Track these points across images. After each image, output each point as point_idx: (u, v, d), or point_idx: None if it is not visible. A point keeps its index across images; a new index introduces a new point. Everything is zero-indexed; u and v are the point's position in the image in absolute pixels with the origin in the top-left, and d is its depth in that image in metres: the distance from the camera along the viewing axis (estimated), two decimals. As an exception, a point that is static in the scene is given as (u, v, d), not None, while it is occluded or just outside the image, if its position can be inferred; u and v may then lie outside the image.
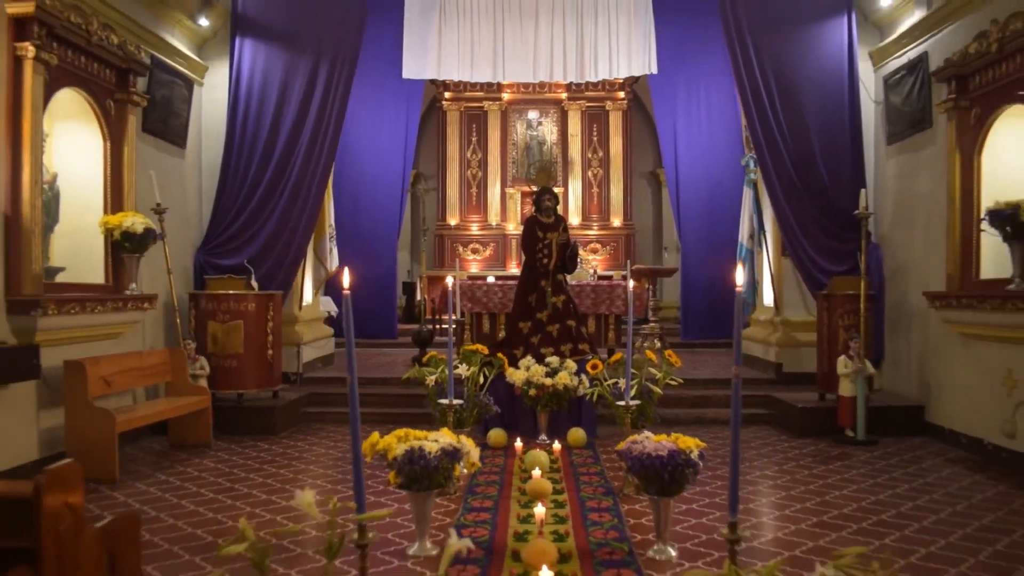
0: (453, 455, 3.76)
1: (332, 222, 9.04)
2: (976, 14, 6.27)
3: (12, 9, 5.19)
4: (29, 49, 5.20)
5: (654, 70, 10.92)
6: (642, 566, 3.67)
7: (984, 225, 5.71)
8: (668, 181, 11.87)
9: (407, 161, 11.63)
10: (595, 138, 14.62)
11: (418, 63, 11.03)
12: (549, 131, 14.71)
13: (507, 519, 4.33)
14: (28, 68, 5.24)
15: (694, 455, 3.75)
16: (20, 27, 5.22)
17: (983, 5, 6.19)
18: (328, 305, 10.20)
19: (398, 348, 11.20)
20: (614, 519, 4.38)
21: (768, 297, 8.82)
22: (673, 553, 3.81)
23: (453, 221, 14.46)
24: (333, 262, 9.06)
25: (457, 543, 1.88)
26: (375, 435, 3.84)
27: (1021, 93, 5.63)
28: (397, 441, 3.75)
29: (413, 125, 11.73)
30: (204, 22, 7.85)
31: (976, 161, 6.20)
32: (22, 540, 2.04)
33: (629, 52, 11.28)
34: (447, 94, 14.28)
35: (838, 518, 4.52)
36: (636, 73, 11.54)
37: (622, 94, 14.38)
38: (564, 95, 14.32)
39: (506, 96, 14.36)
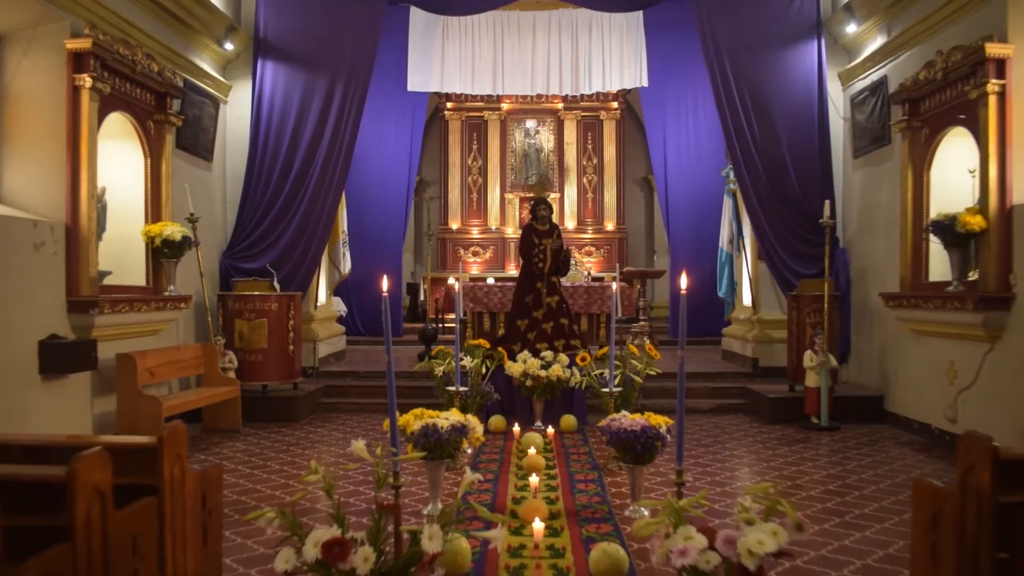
0: (461, 430, 4.49)
1: (345, 228, 9.76)
2: (927, 43, 7.00)
3: (71, 45, 5.91)
4: (86, 80, 5.93)
5: (645, 83, 11.66)
6: (619, 522, 4.40)
7: (929, 233, 6.45)
8: (658, 188, 12.57)
9: (412, 169, 12.33)
10: (590, 146, 15.34)
11: (422, 76, 11.77)
12: (546, 139, 15.44)
13: (506, 488, 5.06)
14: (85, 96, 5.96)
15: (663, 430, 4.47)
16: (78, 60, 5.94)
17: (933, 35, 6.92)
18: (339, 305, 10.92)
19: (403, 345, 11.90)
20: (598, 488, 5.12)
21: (747, 298, 9.55)
22: (645, 512, 4.53)
23: (455, 225, 15.18)
24: (346, 265, 9.79)
25: (471, 475, 2.60)
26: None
27: (962, 116, 6.36)
28: (414, 419, 4.48)
29: (418, 135, 12.45)
30: (229, 46, 8.56)
31: (925, 176, 6.94)
32: (150, 478, 2.76)
33: (621, 66, 12.02)
34: (449, 104, 15.00)
35: (792, 487, 5.26)
36: (628, 86, 12.30)
37: (615, 104, 15.10)
38: (560, 105, 15.04)
39: (505, 106, 15.08)
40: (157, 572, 2.74)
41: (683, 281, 3.33)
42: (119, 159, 6.86)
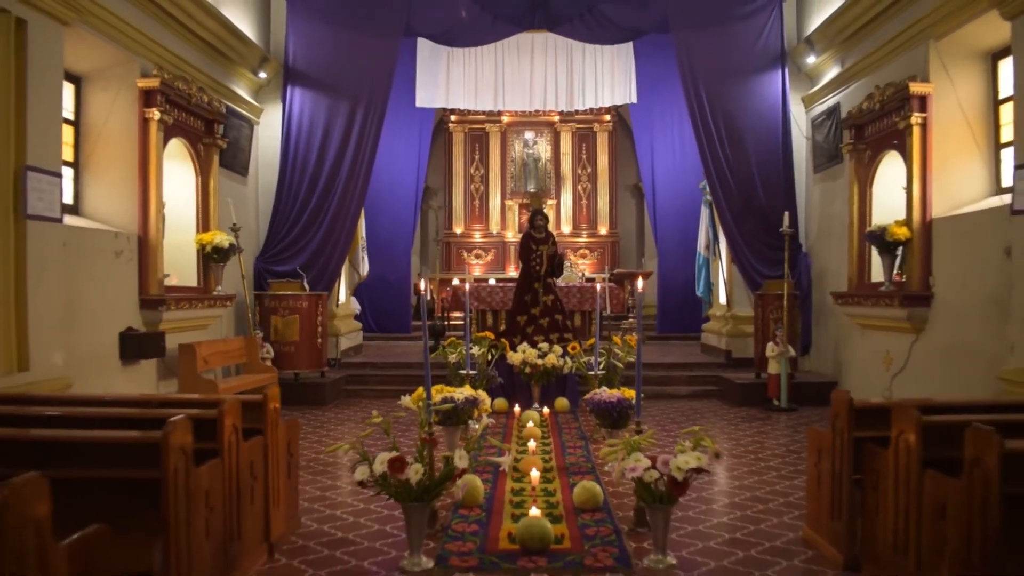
0: (473, 402, 5.61)
1: (364, 235, 10.88)
2: (870, 77, 8.13)
3: (142, 84, 7.03)
4: (155, 113, 7.05)
5: (634, 100, 12.79)
6: (600, 475, 5.51)
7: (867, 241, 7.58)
8: (646, 196, 13.68)
9: (420, 178, 13.42)
10: (584, 155, 16.45)
11: (429, 94, 12.91)
12: (543, 149, 16.55)
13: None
14: (153, 127, 7.09)
15: (633, 401, 5.58)
16: (148, 97, 7.06)
17: (875, 70, 8.05)
18: (354, 304, 12.02)
19: (412, 341, 13.02)
20: (584, 452, 6.23)
21: (723, 297, 10.67)
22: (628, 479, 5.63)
23: (458, 230, 16.28)
24: (364, 268, 10.91)
25: (485, 420, 3.71)
26: (420, 389, 5.67)
27: (895, 142, 7.48)
28: (436, 392, 5.59)
29: (425, 147, 13.53)
30: (262, 75, 9.68)
31: (868, 191, 8.07)
32: (256, 423, 3.88)
33: (612, 85, 13.15)
34: (453, 117, 16.09)
35: (745, 452, 6.38)
36: (618, 102, 13.42)
37: (608, 117, 16.20)
38: (557, 118, 16.13)
39: (505, 119, 16.18)
40: (263, 487, 3.87)
41: (639, 283, 4.43)
42: (175, 177, 7.96)
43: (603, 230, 16.33)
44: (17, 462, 2.83)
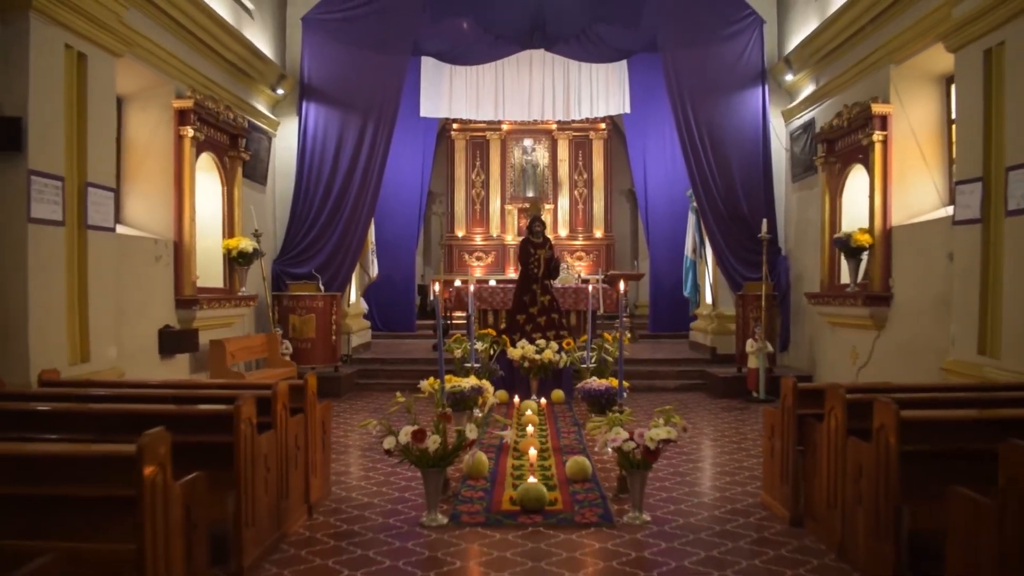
0: (478, 390, 6.34)
1: (373, 239, 11.61)
2: (840, 95, 8.87)
3: (177, 104, 7.77)
4: (188, 131, 7.78)
5: (627, 110, 13.54)
6: (590, 453, 6.24)
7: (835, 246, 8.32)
8: (639, 201, 14.41)
9: (424, 185, 14.15)
10: (580, 162, 17.19)
11: (433, 104, 13.67)
12: (541, 156, 17.29)
13: (508, 443, 6.89)
14: (187, 143, 7.82)
15: (623, 391, 6.30)
16: (182, 116, 7.79)
17: (844, 90, 8.78)
18: (362, 304, 12.75)
19: (416, 339, 13.75)
20: (577, 436, 6.97)
21: (709, 297, 11.40)
22: (609, 450, 6.36)
23: (460, 233, 17.02)
24: (374, 270, 11.65)
25: (492, 400, 4.44)
26: (431, 379, 6.41)
27: (860, 157, 8.22)
28: (446, 382, 6.31)
29: (429, 155, 14.27)
30: (280, 91, 10.41)
31: (838, 200, 8.81)
32: (299, 404, 4.61)
33: (607, 95, 13.91)
34: (455, 125, 16.81)
35: (722, 437, 7.12)
36: (612, 113, 14.20)
37: (603, 125, 16.93)
38: (554, 126, 16.86)
39: (505, 127, 16.91)
40: (304, 457, 4.60)
41: (621, 285, 5.16)
42: (204, 188, 8.68)
43: (598, 233, 17.05)
44: (120, 430, 3.56)
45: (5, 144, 5.11)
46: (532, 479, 4.92)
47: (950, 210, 6.77)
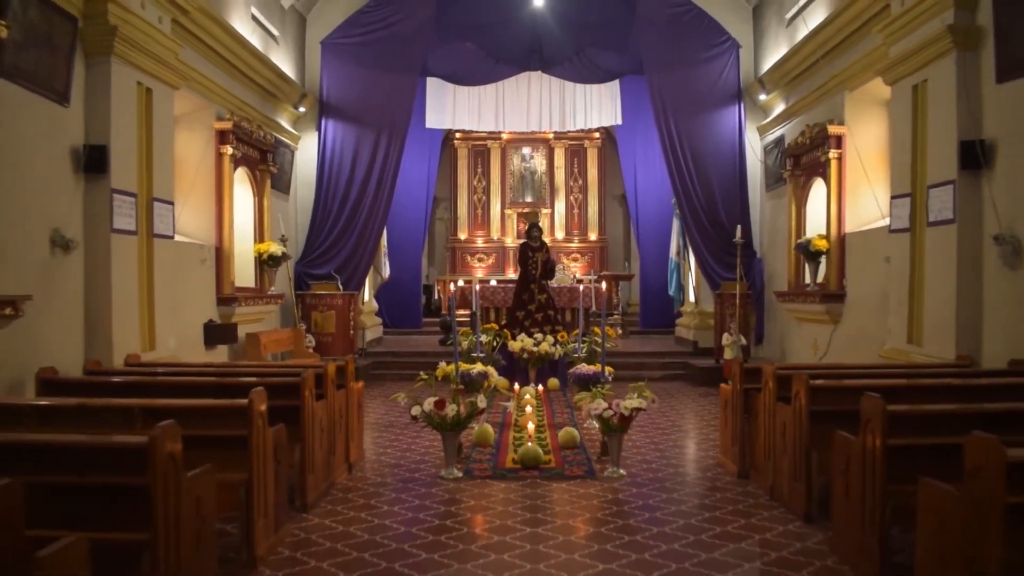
0: (484, 374, 7.41)
1: (386, 242, 12.68)
2: (805, 115, 9.94)
3: (218, 126, 8.83)
4: (228, 149, 8.85)
5: (619, 121, 14.59)
6: (580, 428, 7.31)
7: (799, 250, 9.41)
8: (630, 207, 15.47)
9: (429, 192, 15.21)
10: (576, 169, 18.26)
11: (438, 116, 14.74)
12: (539, 163, 18.36)
13: (510, 416, 7.98)
14: (226, 160, 8.89)
15: (606, 374, 7.38)
16: (222, 136, 8.85)
17: (809, 110, 9.86)
18: (374, 302, 13.82)
19: (423, 335, 14.82)
20: (569, 415, 8.05)
21: (692, 295, 12.48)
22: (594, 424, 7.44)
23: (463, 236, 18.08)
24: (386, 271, 12.72)
25: (498, 378, 5.51)
26: (444, 365, 7.48)
27: (821, 171, 9.30)
28: (451, 369, 7.37)
29: (434, 164, 15.33)
30: (301, 109, 11.48)
31: (803, 210, 9.89)
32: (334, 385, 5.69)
33: (600, 108, 14.98)
34: (458, 135, 17.88)
35: (694, 417, 8.19)
36: (605, 124, 15.28)
37: (597, 134, 17.99)
38: (551, 135, 17.93)
39: (505, 136, 17.97)
40: (345, 423, 5.67)
41: (601, 284, 6.22)
42: (238, 198, 9.74)
43: (593, 236, 18.12)
44: (205, 394, 4.63)
45: (94, 168, 6.17)
46: (530, 444, 5.99)
47: (888, 220, 7.83)
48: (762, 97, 11.33)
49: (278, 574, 3.84)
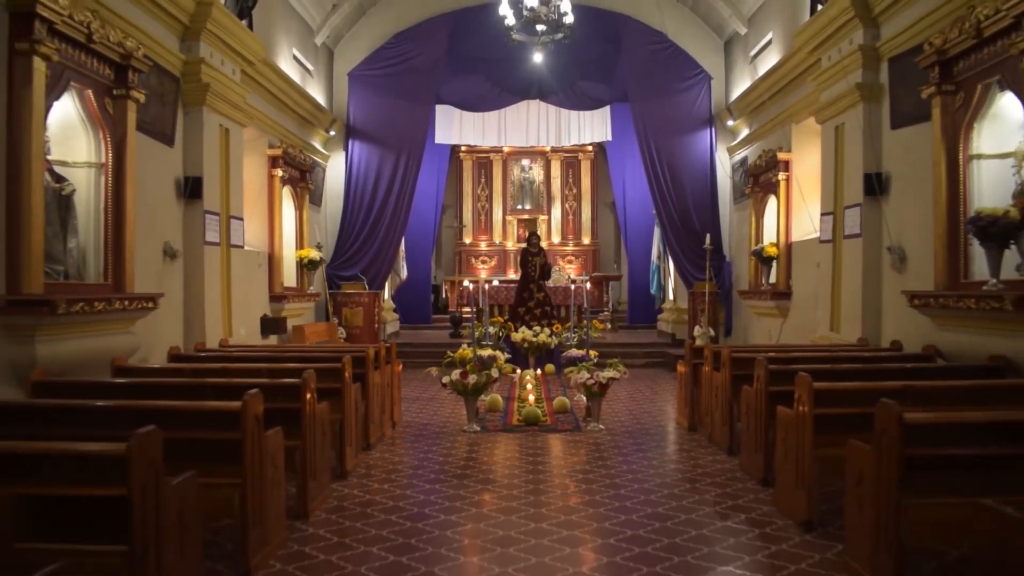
0: (493, 357, 9.18)
1: (403, 248, 14.46)
2: (762, 141, 11.73)
3: (270, 152, 10.60)
4: (279, 172, 10.61)
5: (609, 138, 16.34)
6: (571, 400, 9.07)
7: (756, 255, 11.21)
8: (619, 214, 17.23)
9: (438, 201, 16.97)
10: (571, 179, 20.03)
11: (446, 133, 16.49)
12: (537, 174, 20.13)
13: (515, 391, 9.76)
14: (277, 181, 10.65)
15: (590, 355, 9.15)
16: (273, 161, 10.62)
17: (765, 137, 11.64)
18: (392, 302, 15.59)
19: (432, 330, 16.59)
20: (563, 393, 9.82)
21: (671, 294, 14.27)
22: (584, 398, 9.22)
23: (467, 240, 19.85)
24: (404, 273, 14.51)
25: (502, 356, 7.30)
26: (463, 348, 9.25)
27: (774, 189, 11.08)
28: (469, 352, 9.15)
29: (442, 176, 17.10)
30: (331, 132, 13.25)
31: (761, 221, 11.68)
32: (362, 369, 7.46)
33: (592, 126, 16.75)
34: (463, 149, 19.64)
35: (664, 392, 9.97)
36: (596, 140, 17.02)
37: (590, 148, 19.74)
38: (548, 149, 19.68)
39: (506, 150, 19.73)
40: (391, 390, 7.46)
41: (587, 284, 8.01)
42: (284, 212, 11.51)
43: (586, 240, 19.90)
44: (284, 374, 6.39)
45: (193, 194, 7.94)
46: (532, 406, 7.78)
47: (819, 233, 9.63)
48: (730, 122, 13.11)
49: (362, 481, 5.62)
